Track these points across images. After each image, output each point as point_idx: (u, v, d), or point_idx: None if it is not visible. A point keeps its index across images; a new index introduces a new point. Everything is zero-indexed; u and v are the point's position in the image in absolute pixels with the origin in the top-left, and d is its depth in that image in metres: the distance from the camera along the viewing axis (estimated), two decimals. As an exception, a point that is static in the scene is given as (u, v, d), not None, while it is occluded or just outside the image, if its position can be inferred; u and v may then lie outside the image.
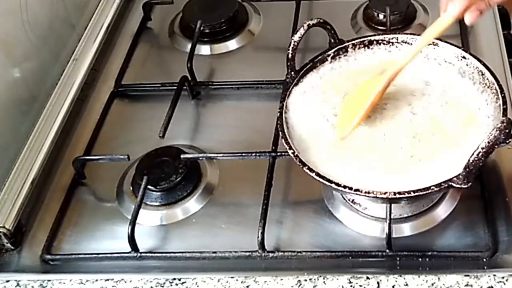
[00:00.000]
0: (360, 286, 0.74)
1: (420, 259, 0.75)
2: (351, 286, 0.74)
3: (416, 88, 0.82)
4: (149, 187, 0.84)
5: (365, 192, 0.70)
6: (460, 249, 0.76)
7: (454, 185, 0.68)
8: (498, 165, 0.84)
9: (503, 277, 0.73)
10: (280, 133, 0.77)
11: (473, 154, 0.66)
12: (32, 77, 0.97)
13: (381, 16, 1.05)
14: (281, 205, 0.83)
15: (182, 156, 0.87)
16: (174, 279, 0.77)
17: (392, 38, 0.85)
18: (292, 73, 0.82)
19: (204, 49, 1.08)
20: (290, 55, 0.81)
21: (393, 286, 0.73)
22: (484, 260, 0.75)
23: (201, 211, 0.85)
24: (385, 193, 0.69)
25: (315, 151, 0.77)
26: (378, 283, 0.74)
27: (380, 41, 0.86)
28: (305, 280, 0.75)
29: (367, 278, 0.74)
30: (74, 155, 0.91)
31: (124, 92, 1.03)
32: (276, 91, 0.94)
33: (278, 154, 0.85)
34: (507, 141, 0.67)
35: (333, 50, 0.85)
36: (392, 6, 1.03)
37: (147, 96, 1.03)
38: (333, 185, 0.71)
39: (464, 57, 0.81)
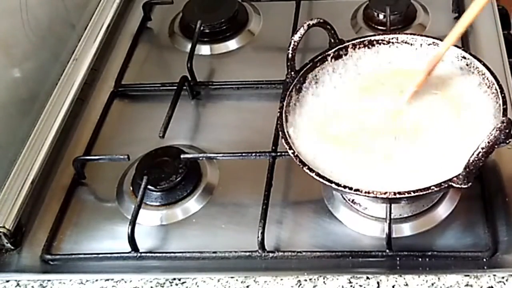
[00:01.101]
0: (360, 286, 0.74)
1: (420, 259, 0.75)
2: (351, 286, 0.74)
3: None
4: (149, 187, 0.84)
5: (365, 192, 0.70)
6: (460, 249, 0.76)
7: (454, 185, 0.68)
8: (498, 165, 0.84)
9: (503, 277, 0.73)
10: (280, 133, 0.77)
11: (473, 154, 0.66)
12: (32, 77, 0.97)
13: (381, 16, 1.05)
14: (281, 205, 0.83)
15: (182, 156, 0.87)
16: (174, 279, 0.77)
17: (392, 38, 0.85)
18: (292, 73, 0.82)
19: (204, 49, 1.08)
20: (290, 55, 0.81)
21: (393, 286, 0.73)
22: (484, 260, 0.75)
23: (201, 211, 0.85)
24: (385, 193, 0.69)
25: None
26: (378, 283, 0.74)
27: (380, 41, 0.86)
28: (305, 280, 0.75)
29: (367, 278, 0.74)
30: (74, 155, 0.91)
31: (124, 92, 1.03)
32: (276, 91, 0.94)
33: (278, 154, 0.85)
34: (507, 141, 0.67)
35: (333, 50, 0.85)
36: (392, 6, 1.03)
37: (147, 96, 1.03)
38: (333, 185, 0.71)
39: (464, 57, 0.81)
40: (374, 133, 0.78)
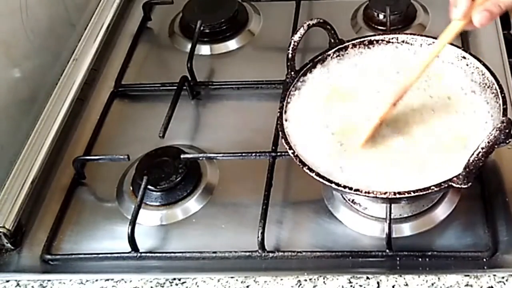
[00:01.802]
0: (360, 286, 0.74)
1: (420, 259, 0.75)
2: (351, 286, 0.74)
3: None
4: (149, 187, 0.84)
5: (365, 192, 0.70)
6: (460, 249, 0.76)
7: (454, 185, 0.68)
8: (498, 165, 0.84)
9: (503, 277, 0.73)
10: (280, 133, 0.77)
11: (473, 154, 0.66)
12: (32, 77, 0.97)
13: (381, 16, 1.05)
14: (281, 205, 0.83)
15: (182, 156, 0.87)
16: (174, 279, 0.77)
17: (392, 38, 0.85)
18: (292, 73, 0.82)
19: (204, 49, 1.08)
20: (290, 55, 0.81)
21: (393, 286, 0.73)
22: (484, 260, 0.75)
23: (201, 211, 0.85)
24: (385, 193, 0.69)
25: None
26: (378, 283, 0.74)
27: (380, 41, 0.86)
28: (305, 280, 0.75)
29: (367, 278, 0.74)
30: (74, 155, 0.91)
31: (124, 92, 1.03)
32: (276, 91, 0.94)
33: (278, 154, 0.85)
34: (507, 141, 0.67)
35: (333, 50, 0.85)
36: (392, 6, 1.03)
37: (147, 96, 1.03)
38: (333, 185, 0.71)
39: (464, 57, 0.81)
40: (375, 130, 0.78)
